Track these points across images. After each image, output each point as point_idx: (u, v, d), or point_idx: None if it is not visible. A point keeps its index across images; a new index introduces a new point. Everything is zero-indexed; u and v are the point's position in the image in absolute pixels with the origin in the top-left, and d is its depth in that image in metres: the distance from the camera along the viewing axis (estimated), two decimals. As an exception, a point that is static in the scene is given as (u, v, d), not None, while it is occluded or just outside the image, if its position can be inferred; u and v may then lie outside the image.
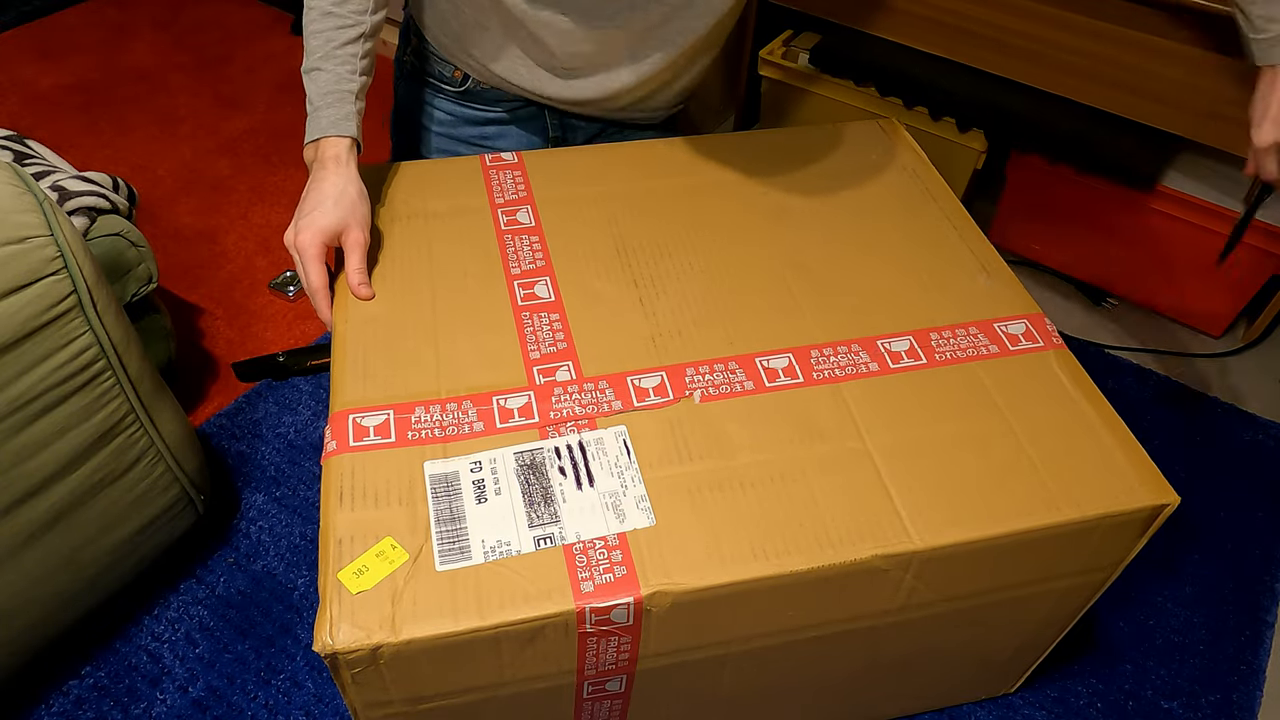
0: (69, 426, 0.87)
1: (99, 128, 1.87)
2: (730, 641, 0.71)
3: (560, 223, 0.91)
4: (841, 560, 0.66)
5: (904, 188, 0.98)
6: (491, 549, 0.65)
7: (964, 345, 0.81)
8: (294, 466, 1.25)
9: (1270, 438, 1.33)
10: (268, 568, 1.14)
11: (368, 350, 0.78)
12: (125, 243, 1.11)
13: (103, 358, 0.88)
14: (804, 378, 0.77)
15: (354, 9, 0.84)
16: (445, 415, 0.73)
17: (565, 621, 0.63)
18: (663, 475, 0.70)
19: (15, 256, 0.78)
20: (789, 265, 0.88)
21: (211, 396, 1.35)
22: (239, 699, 1.02)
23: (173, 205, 1.69)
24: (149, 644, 1.07)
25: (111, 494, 0.94)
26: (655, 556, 0.65)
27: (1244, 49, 0.95)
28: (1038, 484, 0.71)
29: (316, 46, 0.83)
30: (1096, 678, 1.07)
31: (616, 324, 0.81)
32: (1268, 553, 1.19)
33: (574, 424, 0.73)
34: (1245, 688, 1.06)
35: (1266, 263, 1.35)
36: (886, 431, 0.74)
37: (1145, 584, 1.15)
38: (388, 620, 0.61)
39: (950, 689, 0.98)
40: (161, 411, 0.98)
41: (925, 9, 1.34)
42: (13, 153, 1.16)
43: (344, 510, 0.66)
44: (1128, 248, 1.47)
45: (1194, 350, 1.48)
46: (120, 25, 2.18)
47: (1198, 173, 1.38)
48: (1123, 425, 0.76)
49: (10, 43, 2.10)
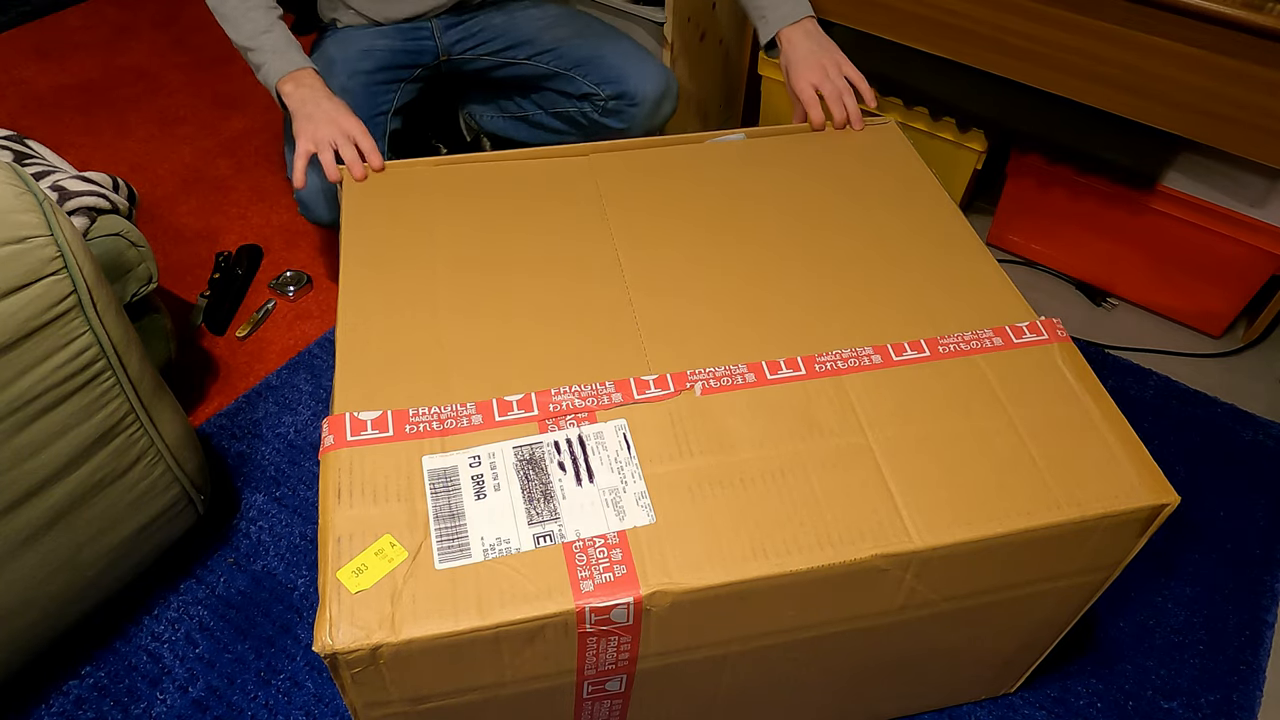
0: (69, 426, 0.87)
1: (99, 128, 1.87)
2: (730, 641, 0.71)
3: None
4: (842, 560, 0.66)
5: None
6: (491, 546, 0.65)
7: (968, 338, 0.81)
8: (294, 466, 1.25)
9: (1270, 438, 1.33)
10: (268, 568, 1.14)
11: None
12: (125, 243, 1.11)
13: (103, 358, 0.88)
14: (806, 370, 0.77)
15: None
16: (443, 409, 0.73)
17: (565, 621, 0.63)
18: (663, 471, 0.70)
19: (15, 256, 0.78)
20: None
21: (211, 396, 1.35)
22: (239, 699, 1.02)
23: (173, 205, 1.69)
24: (149, 644, 1.06)
25: (111, 494, 0.94)
26: (655, 555, 0.65)
27: (759, 38, 1.17)
28: (1039, 483, 0.71)
29: (257, 19, 1.10)
30: (1096, 678, 1.06)
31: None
32: (1268, 553, 1.19)
33: (573, 417, 0.73)
34: (1245, 688, 1.06)
35: (1266, 263, 1.35)
36: (889, 426, 0.74)
37: (1145, 584, 1.15)
38: (387, 620, 0.61)
39: (950, 689, 0.98)
40: (161, 411, 0.98)
41: (925, 9, 1.34)
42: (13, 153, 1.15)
43: (342, 508, 0.66)
44: (1128, 248, 1.47)
45: (1194, 350, 1.48)
46: (120, 25, 2.18)
47: (1198, 173, 1.38)
48: (1124, 423, 0.76)
49: (10, 43, 2.10)
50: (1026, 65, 1.30)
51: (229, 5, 1.11)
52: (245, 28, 1.10)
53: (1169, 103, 1.22)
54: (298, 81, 1.08)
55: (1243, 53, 1.12)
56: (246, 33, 1.10)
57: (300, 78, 1.08)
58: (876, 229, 0.93)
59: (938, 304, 0.85)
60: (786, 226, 0.92)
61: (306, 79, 1.08)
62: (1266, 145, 1.19)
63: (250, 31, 1.10)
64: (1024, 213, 1.56)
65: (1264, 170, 1.36)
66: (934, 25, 1.35)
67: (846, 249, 0.90)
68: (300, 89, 1.07)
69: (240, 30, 1.10)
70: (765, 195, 0.96)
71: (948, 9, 1.31)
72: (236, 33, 1.11)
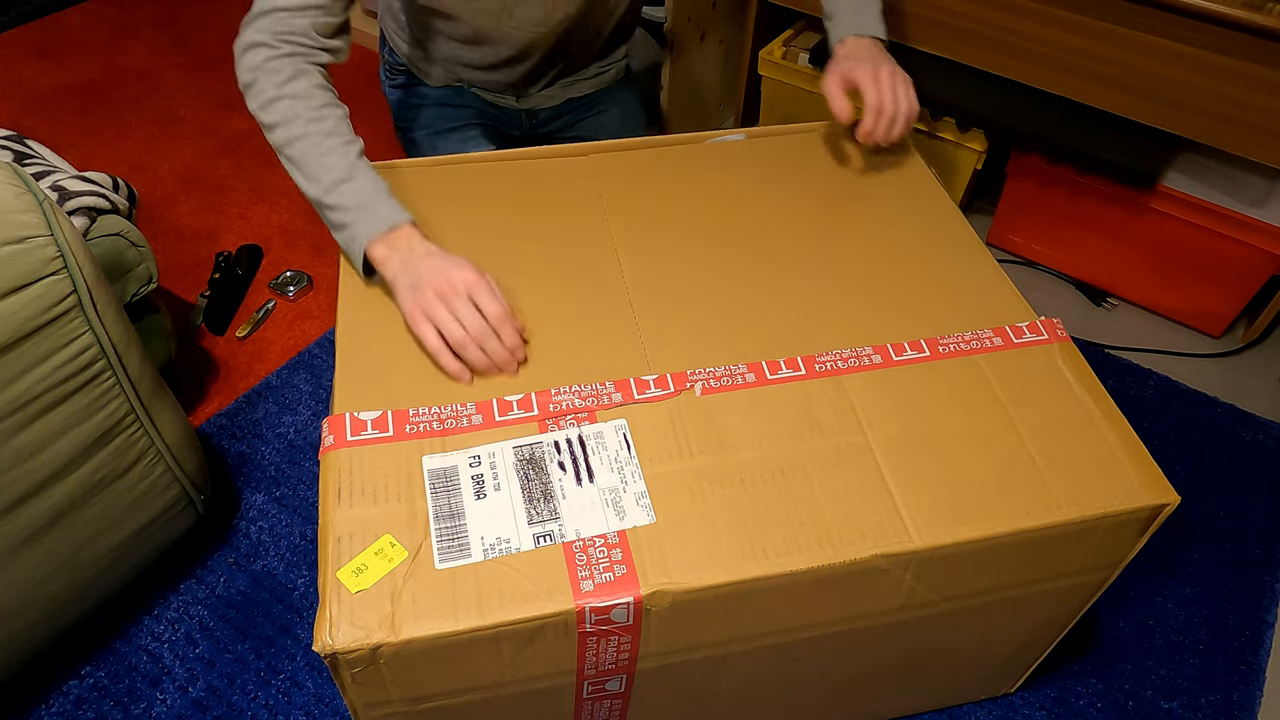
0: (69, 426, 0.87)
1: (99, 128, 1.87)
2: (730, 641, 0.71)
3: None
4: (842, 560, 0.66)
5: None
6: (491, 546, 0.65)
7: (967, 338, 0.81)
8: (294, 466, 1.25)
9: (1270, 438, 1.33)
10: (268, 568, 1.14)
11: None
12: (125, 243, 1.11)
13: (103, 358, 0.88)
14: (805, 370, 0.77)
15: (326, 103, 0.86)
16: (443, 409, 0.73)
17: (565, 621, 0.63)
18: (663, 470, 0.70)
19: (15, 256, 0.78)
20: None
21: (211, 396, 1.35)
22: (239, 699, 1.02)
23: (173, 205, 1.69)
24: (149, 644, 1.06)
25: (111, 494, 0.94)
26: (655, 555, 0.65)
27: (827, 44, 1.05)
28: (1039, 483, 0.71)
29: (333, 164, 0.83)
30: (1096, 678, 1.06)
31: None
32: (1268, 553, 1.19)
33: (573, 417, 0.73)
34: (1245, 688, 1.06)
35: (1266, 263, 1.35)
36: (889, 425, 0.74)
37: (1145, 584, 1.15)
38: (387, 619, 0.61)
39: (950, 689, 0.98)
40: (161, 411, 0.98)
41: (926, 9, 1.34)
42: (13, 153, 1.15)
43: (342, 507, 0.66)
44: (1128, 248, 1.47)
45: (1194, 350, 1.48)
46: (120, 25, 2.18)
47: (1198, 173, 1.38)
48: (1124, 422, 0.76)
49: (10, 43, 2.10)
50: (1026, 65, 1.30)
51: (298, 148, 0.83)
52: (323, 177, 0.83)
53: (1169, 103, 1.22)
54: (392, 245, 0.81)
55: (1243, 53, 1.12)
56: (325, 184, 0.83)
57: (394, 239, 0.81)
58: (876, 229, 0.93)
59: (938, 304, 0.85)
60: (786, 226, 0.92)
61: (402, 239, 0.81)
62: (1266, 145, 1.19)
63: (329, 182, 0.83)
64: (1024, 213, 1.56)
65: (1264, 170, 1.36)
66: (934, 25, 1.35)
67: (846, 249, 0.90)
68: (395, 254, 0.81)
69: (316, 181, 0.83)
70: (765, 195, 0.96)
71: (948, 9, 1.31)
72: (311, 184, 0.83)
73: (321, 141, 0.83)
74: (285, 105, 0.84)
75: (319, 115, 0.84)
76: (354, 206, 0.82)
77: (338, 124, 0.84)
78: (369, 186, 0.83)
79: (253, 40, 0.86)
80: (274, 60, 0.85)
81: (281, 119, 0.84)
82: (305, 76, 0.85)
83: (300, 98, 0.84)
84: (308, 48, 0.86)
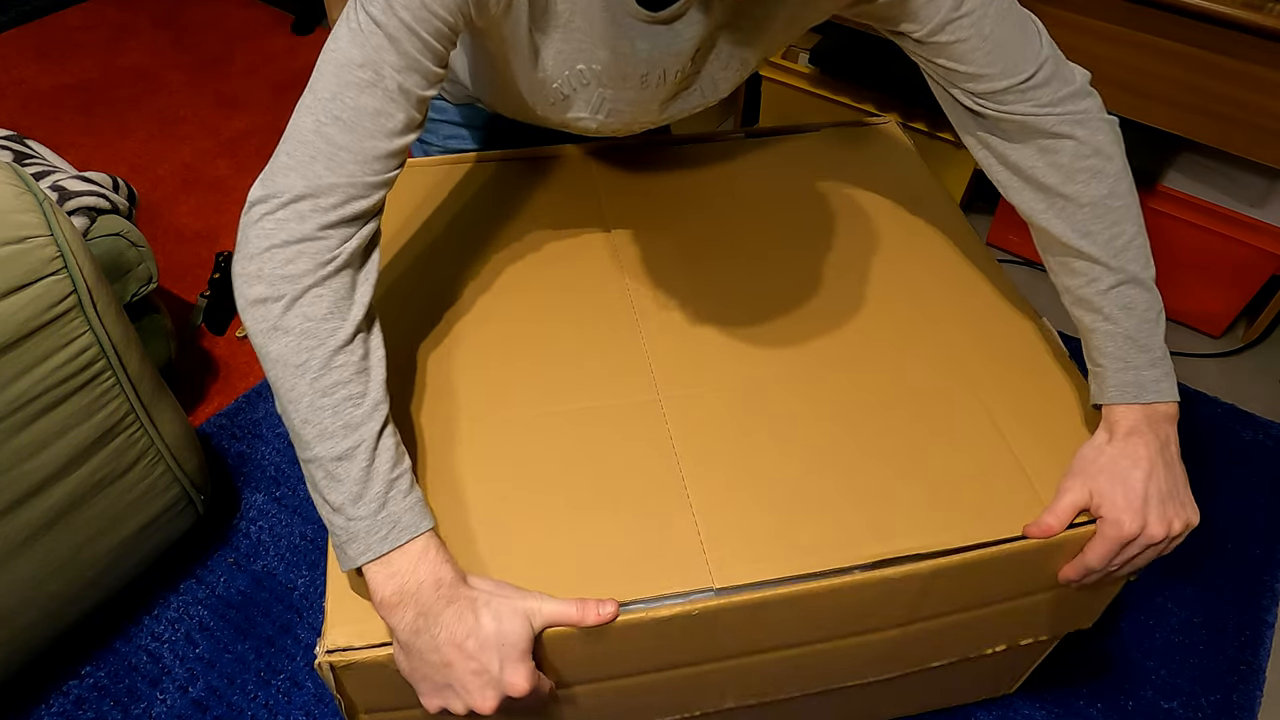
0: (69, 426, 0.87)
1: (99, 128, 1.87)
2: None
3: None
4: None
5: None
6: (491, 548, 0.65)
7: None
8: (294, 466, 1.25)
9: (1270, 438, 1.33)
10: (268, 568, 1.14)
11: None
12: (125, 243, 1.11)
13: (103, 358, 0.88)
14: None
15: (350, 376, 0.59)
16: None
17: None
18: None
19: (15, 256, 0.78)
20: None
21: (211, 396, 1.35)
22: (239, 699, 1.02)
23: (173, 205, 1.69)
24: (149, 644, 1.06)
25: (111, 494, 0.94)
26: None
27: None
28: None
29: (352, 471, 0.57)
30: (1096, 678, 1.06)
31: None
32: (1268, 553, 1.19)
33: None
34: (1245, 688, 1.06)
35: (1266, 263, 1.35)
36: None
37: (1145, 584, 1.15)
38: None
39: (951, 689, 0.98)
40: (161, 411, 0.98)
41: (925, 9, 1.33)
42: (13, 153, 1.15)
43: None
44: (1128, 248, 1.47)
45: (1194, 350, 1.48)
46: (120, 25, 2.18)
47: (1198, 173, 1.38)
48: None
49: (10, 43, 2.10)
50: (1026, 65, 1.30)
51: (327, 463, 0.57)
52: (342, 490, 0.57)
53: (1169, 103, 1.22)
54: (401, 589, 0.56)
55: (1243, 53, 1.12)
56: (340, 497, 0.57)
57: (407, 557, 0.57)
58: (877, 230, 0.93)
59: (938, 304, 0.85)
60: (786, 227, 0.92)
61: (423, 572, 0.57)
62: (1266, 145, 1.19)
63: (352, 494, 0.57)
64: (1024, 213, 1.56)
65: (1264, 170, 1.36)
66: (934, 25, 1.34)
67: (846, 250, 0.90)
68: (404, 608, 0.56)
69: (338, 489, 0.57)
70: (765, 196, 0.96)
71: (948, 9, 1.31)
72: (334, 493, 0.58)
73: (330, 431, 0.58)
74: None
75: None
76: (368, 516, 0.57)
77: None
78: (404, 495, 0.59)
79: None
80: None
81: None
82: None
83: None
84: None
